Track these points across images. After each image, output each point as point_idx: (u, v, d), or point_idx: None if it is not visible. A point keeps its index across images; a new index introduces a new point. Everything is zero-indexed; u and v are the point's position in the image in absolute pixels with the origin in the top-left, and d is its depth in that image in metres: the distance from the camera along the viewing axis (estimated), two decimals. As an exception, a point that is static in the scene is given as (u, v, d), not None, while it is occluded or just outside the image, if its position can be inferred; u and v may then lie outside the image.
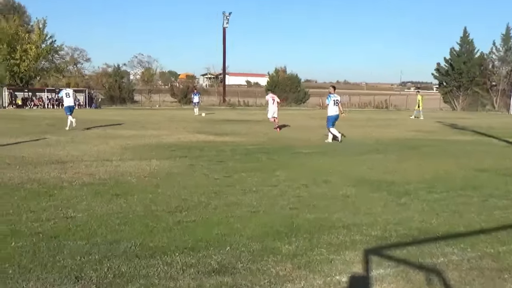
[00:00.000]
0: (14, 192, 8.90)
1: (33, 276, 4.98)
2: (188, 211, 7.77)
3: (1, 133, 20.84)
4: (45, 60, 68.42)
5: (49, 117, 36.14)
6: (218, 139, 19.57)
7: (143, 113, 44.32)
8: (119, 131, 22.76)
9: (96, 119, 32.96)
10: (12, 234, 6.35)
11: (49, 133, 21.36)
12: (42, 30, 66.47)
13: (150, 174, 11.00)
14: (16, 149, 15.07)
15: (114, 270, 5.16)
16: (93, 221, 7.04)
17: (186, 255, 5.67)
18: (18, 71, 63.86)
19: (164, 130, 24.04)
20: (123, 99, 71.08)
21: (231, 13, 73.56)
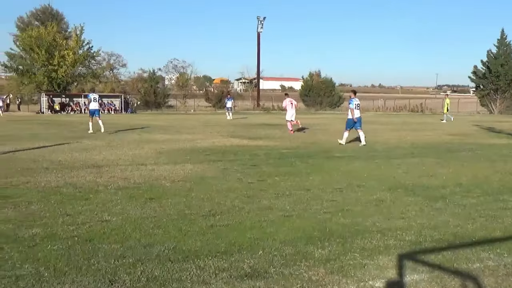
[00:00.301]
0: (51, 196, 9.02)
1: (68, 279, 5.03)
2: (222, 215, 7.78)
3: (39, 138, 21.20)
4: (82, 66, 69.40)
5: (86, 122, 36.54)
6: (252, 143, 19.59)
7: (177, 118, 44.64)
8: (154, 136, 22.94)
9: (131, 124, 33.30)
10: (48, 237, 6.43)
11: (85, 137, 21.65)
12: (80, 36, 67.47)
13: (184, 178, 11.05)
14: (53, 154, 15.29)
15: (148, 274, 5.19)
16: (128, 225, 7.09)
17: (219, 259, 5.67)
18: (56, 77, 64.84)
19: (199, 134, 24.17)
20: (158, 104, 71.63)
21: (265, 18, 73.61)
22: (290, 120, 26.71)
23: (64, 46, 66.07)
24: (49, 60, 63.88)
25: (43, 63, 63.96)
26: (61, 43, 66.10)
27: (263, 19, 73.36)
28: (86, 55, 68.20)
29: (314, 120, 40.40)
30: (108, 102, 64.73)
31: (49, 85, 65.02)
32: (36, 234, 6.59)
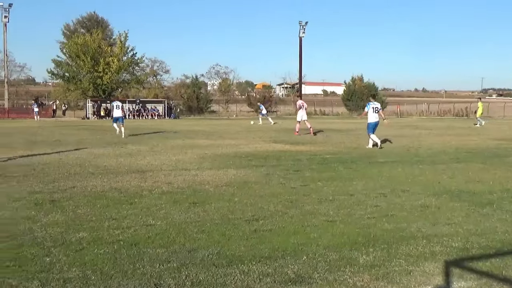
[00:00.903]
0: (97, 200, 9.15)
1: (114, 282, 5.09)
2: (265, 220, 7.77)
3: (85, 143, 21.55)
4: (126, 72, 70.40)
5: (130, 127, 37.08)
6: (295, 148, 19.54)
7: (220, 123, 44.89)
8: (197, 141, 23.10)
9: (174, 129, 33.61)
10: (95, 241, 6.51)
11: (129, 143, 21.92)
12: (124, 43, 68.46)
13: (227, 183, 11.08)
14: (99, 159, 15.53)
15: (192, 278, 5.21)
16: (172, 229, 7.14)
17: (262, 264, 5.66)
18: (101, 83, 65.94)
19: (241, 139, 24.23)
20: (201, 109, 72.14)
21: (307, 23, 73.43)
22: (299, 121, 28.25)
23: (109, 53, 67.22)
24: (95, 67, 65.04)
25: (89, 70, 65.16)
26: (106, 50, 67.28)
27: (305, 24, 73.18)
28: (130, 62, 69.21)
29: (357, 124, 40.10)
30: (151, 107, 65.58)
31: (95, 91, 66.18)
32: (83, 238, 6.68)
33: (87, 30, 78.46)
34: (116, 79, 67.84)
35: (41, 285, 4.99)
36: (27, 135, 27.12)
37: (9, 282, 5.03)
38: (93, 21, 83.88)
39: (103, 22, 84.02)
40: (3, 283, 5.02)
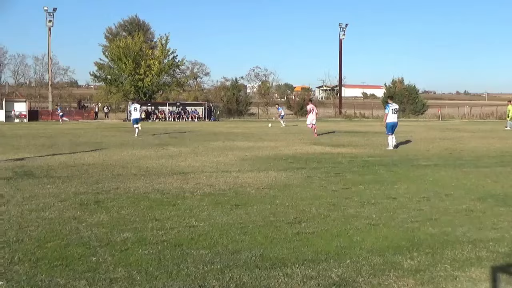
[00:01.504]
0: (140, 201, 9.24)
1: (159, 283, 5.12)
2: (307, 222, 7.74)
3: (127, 145, 21.81)
4: (167, 75, 70.92)
5: (171, 129, 37.43)
6: (335, 150, 19.44)
7: (259, 125, 44.95)
8: (237, 143, 23.16)
9: (214, 131, 33.79)
10: (139, 242, 6.58)
11: (171, 145, 22.12)
12: (165, 46, 69.03)
13: (268, 186, 11.08)
14: (141, 160, 15.70)
15: (236, 280, 5.21)
16: (215, 231, 7.16)
17: (306, 267, 5.63)
18: (142, 86, 66.60)
19: (281, 141, 24.23)
20: (240, 111, 72.41)
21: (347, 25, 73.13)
22: (310, 124, 29.46)
23: (150, 56, 67.90)
24: (136, 70, 65.76)
25: (130, 73, 65.91)
26: (147, 53, 67.98)
27: (345, 26, 72.96)
28: (171, 64, 69.78)
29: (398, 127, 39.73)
30: (191, 110, 65.99)
31: (136, 94, 66.87)
32: (127, 238, 6.76)
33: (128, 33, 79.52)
34: (157, 81, 68.50)
35: (88, 284, 5.05)
36: (71, 137, 27.59)
37: (57, 281, 5.11)
38: (135, 24, 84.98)
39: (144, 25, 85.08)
40: (51, 282, 5.10)
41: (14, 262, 5.69)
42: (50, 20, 65.21)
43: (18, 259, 5.80)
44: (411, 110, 74.06)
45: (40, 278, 5.20)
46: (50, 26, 65.57)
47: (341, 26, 73.98)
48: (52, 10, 65.34)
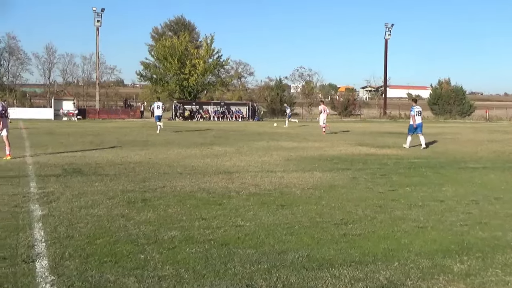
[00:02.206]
0: (186, 200, 9.31)
1: (207, 282, 5.15)
2: (354, 224, 7.68)
3: (172, 144, 22.01)
4: (212, 75, 71.19)
5: (215, 128, 37.63)
6: (380, 151, 19.25)
7: (303, 125, 44.81)
8: (282, 143, 23.14)
9: (258, 131, 33.84)
10: (186, 240, 6.62)
11: (215, 144, 22.23)
12: (210, 46, 69.30)
13: (313, 186, 11.04)
14: (186, 159, 15.82)
15: (283, 280, 5.20)
16: (261, 231, 7.16)
17: (353, 268, 5.59)
18: (187, 85, 67.04)
19: (326, 142, 24.11)
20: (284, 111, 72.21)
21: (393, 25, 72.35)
22: (322, 124, 32.12)
23: (195, 55, 68.27)
24: (181, 69, 66.25)
25: (176, 72, 66.44)
26: (192, 53, 68.39)
27: (391, 26, 72.12)
28: (216, 64, 70.05)
29: (444, 129, 39.20)
30: (236, 109, 66.17)
31: (181, 93, 67.42)
32: (175, 236, 6.81)
33: (174, 33, 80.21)
34: (201, 81, 68.90)
35: (137, 281, 5.12)
36: (118, 135, 27.99)
37: (107, 278, 5.19)
38: (181, 24, 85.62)
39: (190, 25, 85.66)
40: (101, 278, 5.18)
41: (65, 258, 5.80)
42: (98, 20, 66.22)
43: (69, 255, 5.91)
44: (457, 112, 72.84)
45: (90, 274, 5.29)
46: (98, 26, 66.58)
47: (387, 26, 73.21)
48: (100, 10, 66.36)
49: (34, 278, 5.16)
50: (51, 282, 5.06)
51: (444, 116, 71.15)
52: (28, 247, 6.21)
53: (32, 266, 5.51)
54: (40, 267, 5.49)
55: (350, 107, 77.03)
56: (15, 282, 5.03)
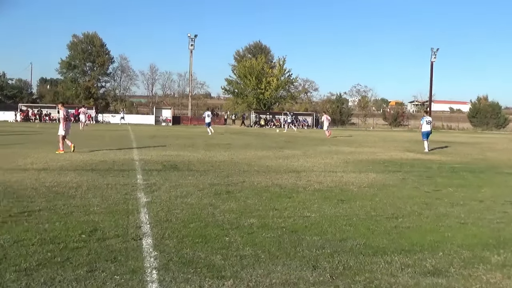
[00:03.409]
0: (262, 193, 9.34)
1: (280, 262, 5.16)
2: (403, 218, 7.51)
3: (250, 146, 22.17)
4: (283, 90, 71.44)
5: (285, 134, 37.64)
6: (426, 157, 18.70)
7: (359, 134, 44.22)
8: (341, 148, 22.87)
9: (321, 137, 33.59)
10: (262, 227, 6.65)
11: (285, 148, 22.19)
12: (282, 66, 69.58)
13: (368, 185, 10.86)
14: (262, 160, 15.87)
15: (344, 263, 5.14)
16: (324, 221, 7.10)
17: (403, 256, 5.46)
18: (263, 98, 67.57)
19: (378, 148, 23.67)
20: (343, 121, 71.76)
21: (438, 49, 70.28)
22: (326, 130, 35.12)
23: (270, 74, 68.66)
24: (258, 85, 66.81)
25: (253, 88, 67.08)
26: (267, 72, 68.79)
27: (436, 50, 70.07)
28: (287, 81, 70.28)
29: (481, 139, 37.77)
30: (302, 119, 66.14)
31: (257, 105, 67.94)
32: (253, 223, 6.85)
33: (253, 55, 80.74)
34: (274, 95, 69.25)
35: (222, 259, 5.18)
36: (205, 139, 28.40)
37: (199, 255, 5.27)
38: (258, 48, 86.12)
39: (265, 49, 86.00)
40: (194, 255, 5.27)
41: (165, 238, 5.94)
42: (192, 44, 67.42)
43: (168, 235, 6.04)
44: (494, 124, 70.15)
45: (185, 251, 5.39)
46: (192, 49, 67.80)
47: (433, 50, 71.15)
48: (194, 36, 67.58)
49: (141, 253, 5.30)
50: (154, 256, 5.19)
51: (482, 127, 68.77)
52: (136, 228, 6.39)
53: (140, 243, 5.66)
54: (146, 244, 5.64)
55: (399, 119, 75.63)
56: (126, 255, 5.19)
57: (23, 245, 5.45)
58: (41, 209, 7.34)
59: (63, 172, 11.45)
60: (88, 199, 8.27)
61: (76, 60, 75.26)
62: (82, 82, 76.04)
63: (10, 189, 8.94)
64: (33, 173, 11.26)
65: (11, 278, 4.45)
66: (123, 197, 8.54)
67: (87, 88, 75.04)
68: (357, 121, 75.63)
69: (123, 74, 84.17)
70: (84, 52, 75.11)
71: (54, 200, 8.09)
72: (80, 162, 13.67)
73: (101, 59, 75.64)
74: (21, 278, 4.47)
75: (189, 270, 4.78)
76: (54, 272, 4.65)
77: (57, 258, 5.04)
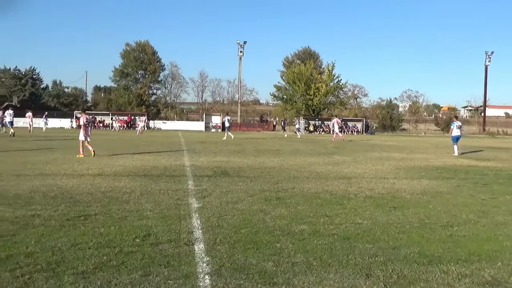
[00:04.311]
0: (312, 199, 9.27)
1: (332, 269, 5.09)
2: (459, 226, 7.28)
3: (300, 153, 22.09)
4: (332, 96, 71.06)
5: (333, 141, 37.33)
6: (481, 164, 18.13)
7: (410, 140, 43.39)
8: (392, 154, 22.48)
9: (371, 143, 33.15)
10: (313, 233, 6.58)
11: (335, 154, 22.00)
12: (331, 72, 69.24)
13: (421, 192, 10.60)
14: (312, 166, 15.78)
15: (398, 272, 5.03)
16: (377, 228, 6.98)
17: (460, 266, 5.29)
18: (311, 104, 67.37)
19: (431, 154, 23.13)
20: (393, 127, 70.75)
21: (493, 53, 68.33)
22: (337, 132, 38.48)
23: (319, 80, 68.44)
24: (307, 91, 66.70)
25: (302, 93, 67.03)
26: (316, 77, 68.61)
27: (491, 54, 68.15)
28: (336, 87, 69.89)
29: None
30: (352, 125, 65.53)
31: (306, 111, 67.78)
32: (304, 230, 6.79)
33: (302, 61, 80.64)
34: (324, 101, 68.93)
35: (274, 265, 5.15)
36: (255, 145, 28.50)
37: (250, 261, 5.26)
38: (307, 53, 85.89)
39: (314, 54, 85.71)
40: (246, 261, 5.27)
41: (217, 243, 5.97)
42: (241, 51, 68.05)
43: (220, 241, 6.07)
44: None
45: (237, 257, 5.40)
46: (241, 56, 68.40)
47: (487, 53, 69.26)
48: (243, 43, 68.16)
49: (194, 258, 5.35)
50: (207, 262, 5.22)
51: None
52: (188, 233, 6.45)
53: (192, 248, 5.71)
54: (198, 249, 5.68)
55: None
56: (179, 260, 5.24)
57: (80, 249, 5.60)
58: (96, 214, 7.54)
59: (117, 178, 11.72)
60: (141, 204, 8.43)
61: (128, 68, 77.11)
62: (134, 89, 77.83)
63: (67, 194, 9.22)
64: (89, 178, 11.57)
65: (69, 281, 4.58)
66: (175, 202, 8.66)
67: (139, 95, 76.71)
68: (408, 126, 74.35)
69: (174, 81, 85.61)
70: (136, 60, 76.87)
71: (109, 204, 8.29)
72: (133, 167, 13.97)
73: (153, 66, 77.21)
74: (78, 280, 4.59)
75: (241, 276, 4.79)
76: (110, 275, 4.75)
77: (113, 262, 5.15)
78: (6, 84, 79.50)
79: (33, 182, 10.63)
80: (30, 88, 79.69)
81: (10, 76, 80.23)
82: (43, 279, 4.60)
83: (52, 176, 11.73)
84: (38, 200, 8.53)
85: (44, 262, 5.09)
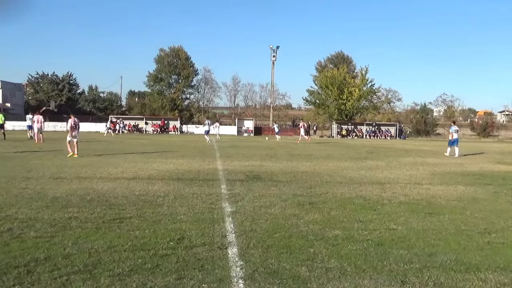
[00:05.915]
0: (346, 205, 9.19)
1: (366, 275, 5.03)
2: (497, 233, 7.11)
3: (332, 157, 21.93)
4: (365, 100, 70.52)
5: (368, 145, 36.98)
6: (519, 170, 17.69)
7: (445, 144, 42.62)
8: (426, 159, 22.12)
9: (405, 148, 32.72)
10: (347, 239, 6.52)
11: (368, 159, 21.78)
12: (365, 76, 68.86)
13: (457, 198, 10.40)
14: (344, 171, 15.65)
15: (434, 280, 4.93)
16: (412, 234, 6.87)
17: (499, 274, 5.16)
18: (344, 109, 66.98)
19: (466, 159, 22.66)
20: (427, 132, 69.73)
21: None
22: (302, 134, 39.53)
23: (352, 84, 68.05)
24: (340, 96, 66.35)
25: (335, 98, 66.71)
26: (349, 82, 68.24)
27: (529, 57, 66.53)
28: (369, 91, 69.36)
29: None
30: (385, 129, 64.90)
31: (339, 115, 67.42)
32: (338, 235, 6.73)
33: (334, 65, 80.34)
34: (357, 105, 68.41)
35: (308, 271, 5.12)
36: (287, 149, 28.46)
37: (284, 266, 5.24)
38: (340, 58, 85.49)
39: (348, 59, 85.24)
40: (279, 266, 5.25)
41: (250, 247, 5.97)
42: (274, 55, 68.16)
43: (253, 245, 6.06)
44: None
45: (270, 262, 5.39)
46: (274, 60, 68.51)
47: (525, 57, 67.82)
48: (276, 47, 68.27)
49: (227, 262, 5.36)
50: (240, 266, 5.22)
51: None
52: (222, 237, 6.47)
53: (225, 252, 5.72)
54: (232, 253, 5.69)
55: (488, 129, 72.27)
56: (213, 264, 5.26)
57: (116, 251, 5.67)
58: (131, 217, 7.63)
59: (151, 181, 11.85)
60: (175, 207, 8.50)
61: (162, 73, 78.08)
62: (167, 94, 78.73)
63: (103, 197, 9.37)
64: (124, 182, 11.73)
65: (105, 283, 4.64)
66: (208, 206, 8.70)
67: (173, 100, 77.55)
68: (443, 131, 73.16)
69: (207, 86, 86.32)
70: (170, 65, 77.81)
71: (143, 208, 8.38)
72: (166, 171, 14.10)
73: (186, 71, 77.98)
74: (115, 283, 4.65)
75: (274, 281, 4.77)
76: (145, 278, 4.80)
77: (148, 265, 5.20)
78: (44, 89, 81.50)
79: (70, 185, 10.85)
80: (67, 93, 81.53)
81: (48, 81, 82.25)
82: (80, 281, 4.68)
83: (88, 180, 11.94)
84: (75, 203, 8.70)
85: (81, 263, 5.18)
